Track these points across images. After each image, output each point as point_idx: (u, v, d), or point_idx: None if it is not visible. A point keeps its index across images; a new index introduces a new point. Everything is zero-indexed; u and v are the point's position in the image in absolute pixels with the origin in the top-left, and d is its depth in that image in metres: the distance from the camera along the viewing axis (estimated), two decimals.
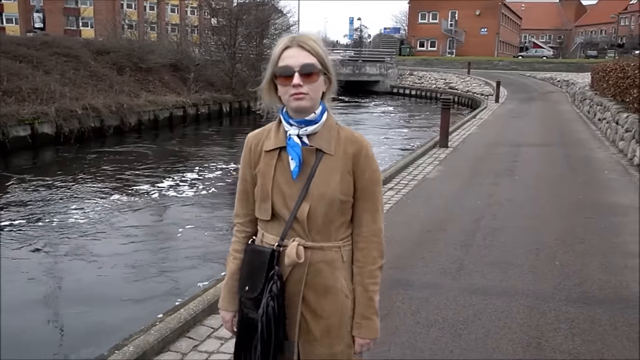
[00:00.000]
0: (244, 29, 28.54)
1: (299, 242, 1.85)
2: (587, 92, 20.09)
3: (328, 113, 1.93)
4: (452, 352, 3.55)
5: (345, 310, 1.93)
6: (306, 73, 1.81)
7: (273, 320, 1.84)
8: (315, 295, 1.90)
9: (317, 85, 1.85)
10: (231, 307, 2.05)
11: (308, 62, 1.82)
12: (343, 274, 1.93)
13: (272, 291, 1.84)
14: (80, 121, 16.54)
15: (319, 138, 1.89)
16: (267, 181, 1.88)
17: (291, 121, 1.88)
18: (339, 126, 1.94)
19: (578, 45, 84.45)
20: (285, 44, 1.85)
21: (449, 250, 5.50)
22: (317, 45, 1.85)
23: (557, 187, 8.42)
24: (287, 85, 1.83)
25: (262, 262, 1.88)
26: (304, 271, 1.88)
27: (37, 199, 10.00)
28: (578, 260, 5.28)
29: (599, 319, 4.05)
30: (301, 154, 1.85)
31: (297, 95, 1.82)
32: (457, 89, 34.87)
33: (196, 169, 13.13)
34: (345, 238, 1.94)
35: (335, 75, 1.91)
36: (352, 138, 1.92)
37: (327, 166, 1.87)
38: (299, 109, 1.85)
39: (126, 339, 3.49)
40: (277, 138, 1.91)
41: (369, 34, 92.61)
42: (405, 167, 9.93)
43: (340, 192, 1.86)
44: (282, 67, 1.83)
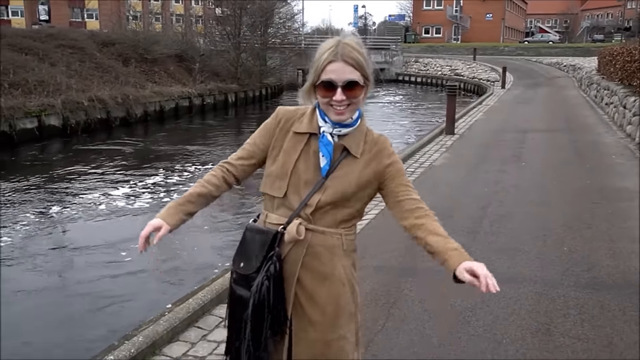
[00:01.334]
0: (249, 18, 28.45)
1: (301, 222, 1.87)
2: (593, 76, 19.92)
3: (362, 117, 1.96)
4: (460, 339, 3.56)
5: (342, 299, 1.94)
6: (349, 88, 1.82)
7: (266, 299, 1.84)
8: (312, 280, 1.91)
9: (360, 98, 1.87)
10: (170, 219, 1.89)
11: (352, 78, 1.82)
12: (342, 261, 1.94)
13: (269, 271, 1.85)
14: (86, 113, 16.61)
15: (349, 139, 1.91)
16: (289, 162, 1.89)
17: (327, 119, 1.89)
18: (368, 129, 1.97)
19: (584, 29, 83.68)
20: (329, 57, 1.82)
21: (456, 237, 5.37)
22: (360, 55, 1.84)
23: (564, 172, 8.38)
24: (328, 97, 1.83)
25: (264, 242, 1.89)
26: (301, 252, 1.89)
27: (46, 189, 10.05)
28: (586, 245, 5.26)
29: (608, 304, 4.04)
30: (332, 153, 1.88)
31: (339, 110, 1.84)
32: (463, 76, 34.70)
33: (203, 159, 13.16)
34: (348, 227, 1.95)
35: (372, 80, 1.91)
36: (376, 140, 1.96)
37: (349, 165, 1.90)
38: (339, 122, 1.87)
39: (135, 329, 3.51)
40: (310, 124, 1.92)
41: (374, 22, 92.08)
42: (411, 154, 9.90)
43: (354, 186, 1.89)
44: (325, 80, 1.82)
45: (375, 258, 4.79)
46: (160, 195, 9.78)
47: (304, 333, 1.92)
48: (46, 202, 9.32)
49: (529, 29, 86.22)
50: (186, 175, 11.42)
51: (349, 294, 1.95)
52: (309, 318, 1.91)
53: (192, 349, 3.48)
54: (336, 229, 1.91)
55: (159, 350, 3.41)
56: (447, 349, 3.45)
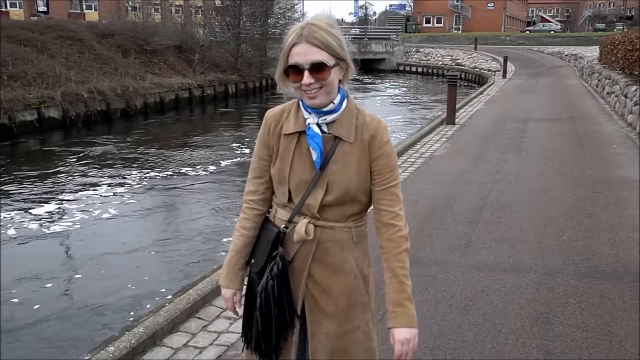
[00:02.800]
0: (248, 8, 28.30)
1: (310, 220, 1.85)
2: (595, 65, 19.84)
3: (348, 99, 1.87)
4: (460, 328, 3.57)
5: (354, 291, 1.93)
6: (316, 70, 1.74)
7: (272, 299, 1.85)
8: (324, 273, 1.90)
9: (330, 80, 1.77)
10: (233, 284, 2.01)
11: (317, 59, 1.73)
12: (353, 254, 1.92)
13: (273, 271, 1.86)
14: (86, 105, 16.56)
15: (338, 125, 1.84)
16: (285, 165, 1.85)
17: (310, 110, 1.82)
18: (358, 110, 1.88)
19: (586, 18, 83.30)
20: (293, 40, 1.75)
21: (456, 227, 5.49)
22: (328, 34, 1.75)
23: (565, 162, 8.36)
24: (298, 81, 1.76)
25: (268, 240, 1.90)
26: (311, 248, 1.87)
27: (46, 181, 10.05)
28: (586, 234, 5.26)
29: (608, 293, 4.04)
30: (322, 144, 1.82)
31: (310, 94, 1.76)
32: (464, 66, 34.55)
33: (204, 151, 13.15)
34: (358, 219, 1.92)
35: (351, 58, 1.83)
36: (368, 124, 1.87)
37: (344, 154, 1.83)
38: (314, 106, 1.80)
39: (136, 320, 3.53)
40: (296, 122, 1.85)
41: (375, 12, 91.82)
42: (412, 144, 9.89)
43: (356, 181, 1.84)
44: (291, 64, 1.75)
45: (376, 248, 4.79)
46: (159, 188, 9.78)
47: (319, 326, 1.91)
48: (44, 194, 9.32)
49: (531, 18, 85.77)
50: (190, 167, 11.41)
51: (361, 286, 1.95)
52: (323, 311, 1.91)
53: (193, 339, 3.49)
54: (345, 222, 1.89)
55: (160, 341, 3.42)
56: (447, 338, 3.46)
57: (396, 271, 1.89)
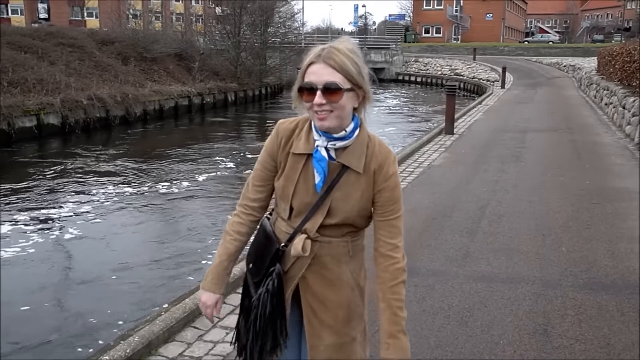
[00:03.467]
0: (249, 17, 28.44)
1: (307, 236, 1.84)
2: (593, 76, 19.90)
3: (362, 127, 1.84)
4: (457, 340, 3.54)
5: (352, 303, 1.93)
6: (329, 91, 1.71)
7: (265, 315, 1.86)
8: (321, 286, 1.90)
9: (343, 104, 1.74)
10: (218, 289, 1.96)
11: (331, 80, 1.71)
12: (349, 266, 1.92)
13: (269, 287, 1.86)
14: (85, 111, 16.60)
15: (349, 154, 1.81)
16: (290, 184, 1.84)
17: (321, 133, 1.80)
18: (370, 138, 1.85)
19: (584, 29, 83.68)
20: (311, 59, 1.75)
21: (454, 238, 5.48)
22: (347, 59, 1.73)
23: (563, 172, 8.36)
24: (309, 101, 1.74)
25: (268, 252, 1.89)
26: (306, 262, 1.87)
27: (43, 189, 10.03)
28: (585, 246, 5.25)
29: (606, 305, 4.02)
30: (327, 169, 1.80)
31: (320, 115, 1.73)
32: (463, 76, 34.68)
33: (202, 159, 13.15)
34: (355, 235, 1.92)
35: (369, 90, 1.80)
36: (377, 153, 1.84)
37: (349, 182, 1.82)
38: (322, 129, 1.77)
39: (131, 329, 3.50)
40: (307, 143, 1.82)
41: (374, 21, 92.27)
42: (410, 154, 9.88)
43: (357, 209, 1.84)
44: (305, 83, 1.74)
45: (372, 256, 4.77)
46: (159, 193, 9.77)
47: (318, 339, 1.91)
48: (42, 201, 9.30)
49: (529, 29, 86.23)
50: (188, 175, 11.40)
51: (358, 297, 1.95)
52: (322, 323, 1.90)
53: (189, 349, 3.46)
54: (343, 237, 1.89)
55: (155, 351, 3.39)
56: (445, 349, 3.44)
57: (391, 303, 1.87)
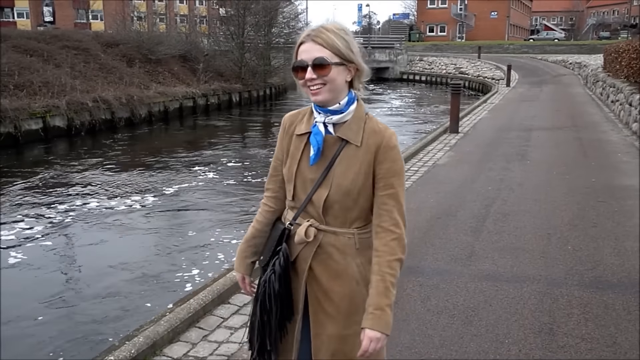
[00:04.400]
0: (252, 18, 28.44)
1: (312, 224, 1.91)
2: (599, 74, 19.80)
3: (359, 103, 1.94)
4: (462, 339, 3.53)
5: (356, 297, 1.94)
6: (318, 66, 1.83)
7: (273, 293, 1.92)
8: (326, 277, 1.94)
9: (333, 77, 1.84)
10: (240, 268, 2.13)
11: (319, 55, 1.83)
12: (356, 260, 1.94)
13: (275, 266, 1.93)
14: (91, 114, 16.65)
15: (346, 128, 1.90)
16: (293, 164, 1.94)
17: (319, 109, 1.91)
18: (368, 117, 1.94)
19: (590, 26, 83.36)
20: (301, 40, 1.89)
21: (459, 237, 5.46)
22: (334, 35, 1.85)
23: (569, 170, 8.32)
24: (302, 78, 1.87)
25: (275, 236, 1.98)
26: (312, 250, 1.92)
27: (50, 190, 10.07)
28: (591, 244, 5.22)
29: (612, 304, 4.00)
30: (322, 142, 1.89)
31: (313, 90, 1.86)
32: (468, 74, 34.59)
33: (208, 160, 13.16)
34: (362, 226, 1.95)
35: (361, 64, 1.90)
36: (375, 129, 1.91)
37: (349, 156, 1.89)
38: (317, 102, 1.89)
39: (136, 330, 3.50)
40: (308, 123, 1.95)
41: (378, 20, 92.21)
42: (415, 153, 9.87)
43: (357, 183, 1.88)
44: (297, 61, 1.88)
45: None
46: (160, 199, 9.79)
47: (322, 328, 1.96)
48: (49, 203, 9.34)
49: (534, 27, 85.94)
50: (194, 175, 11.42)
51: (363, 292, 1.94)
52: (326, 312, 1.95)
53: (193, 349, 3.47)
54: (348, 228, 1.93)
55: (160, 351, 3.40)
56: (449, 349, 3.43)
57: (385, 277, 1.87)
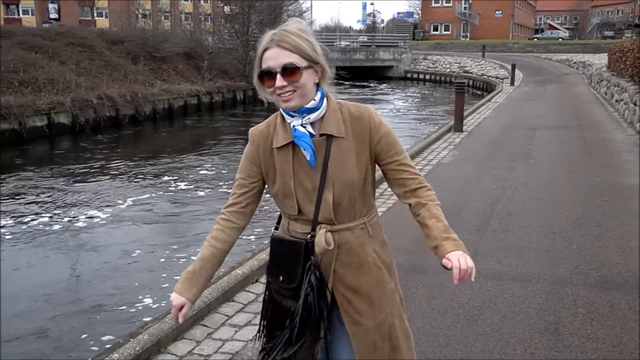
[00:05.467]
0: (257, 16, 28.43)
1: (327, 229, 1.88)
2: (604, 73, 19.74)
3: (329, 97, 1.90)
4: (467, 338, 3.52)
5: (382, 282, 1.98)
6: (288, 73, 1.77)
7: (314, 309, 1.87)
8: (350, 274, 1.93)
9: (303, 82, 1.79)
10: (187, 294, 1.91)
11: (288, 61, 1.77)
12: (372, 246, 1.96)
13: (311, 282, 1.87)
14: (95, 111, 16.68)
15: (327, 123, 1.86)
16: (288, 179, 1.87)
17: (292, 113, 1.84)
18: (341, 105, 1.91)
19: (594, 26, 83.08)
20: (264, 45, 1.81)
21: (464, 235, 5.43)
22: (299, 38, 1.79)
23: (573, 169, 8.30)
24: (272, 86, 1.80)
25: (296, 253, 1.89)
26: (333, 253, 1.91)
27: (53, 188, 10.09)
28: (596, 243, 5.21)
29: (618, 303, 3.99)
30: (311, 142, 1.84)
31: (284, 97, 1.79)
32: (472, 73, 34.49)
33: (213, 158, 13.17)
34: (368, 213, 1.96)
35: (327, 62, 1.86)
36: (355, 114, 1.90)
37: (340, 149, 1.86)
38: (288, 109, 1.83)
39: (141, 327, 3.51)
40: (286, 133, 1.87)
41: (382, 19, 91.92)
42: (420, 152, 9.86)
43: (358, 173, 1.88)
44: (264, 69, 1.80)
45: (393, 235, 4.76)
46: (166, 196, 9.80)
47: (357, 326, 1.95)
48: (53, 199, 9.36)
49: (538, 26, 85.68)
50: (197, 174, 11.43)
51: (386, 275, 2.00)
52: (358, 310, 1.95)
53: (198, 347, 3.47)
54: (359, 220, 1.93)
55: (164, 349, 3.40)
56: (454, 348, 3.42)
57: (440, 218, 1.91)
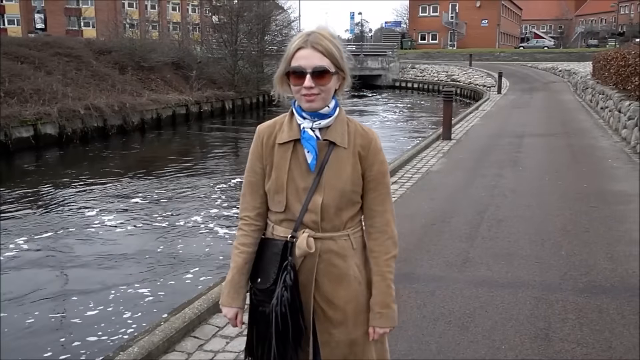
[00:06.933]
0: (245, 25, 28.48)
1: (309, 234, 1.88)
2: (588, 81, 19.97)
3: (340, 108, 1.95)
4: (458, 345, 3.53)
5: (360, 297, 1.96)
6: (318, 75, 1.81)
7: (288, 310, 1.86)
8: (329, 284, 1.92)
9: (330, 86, 1.85)
10: (235, 302, 2.00)
11: (320, 64, 1.81)
12: (354, 260, 1.96)
13: (286, 281, 1.87)
14: (83, 121, 16.56)
15: (332, 131, 1.90)
16: (282, 173, 1.89)
17: (304, 114, 1.89)
18: (348, 119, 1.96)
19: (579, 34, 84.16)
20: (299, 44, 1.84)
21: (454, 243, 5.47)
22: (331, 44, 1.84)
23: (561, 176, 8.37)
24: (299, 85, 1.84)
25: (275, 253, 1.91)
26: (314, 261, 1.90)
27: (40, 200, 10.01)
28: (584, 249, 5.25)
29: (607, 308, 4.02)
30: (317, 147, 1.87)
31: (309, 97, 1.83)
32: (459, 81, 34.76)
33: (201, 169, 13.14)
34: (354, 226, 1.96)
35: (349, 71, 1.91)
36: (361, 132, 1.95)
37: (338, 158, 1.89)
38: (310, 110, 1.87)
39: (131, 339, 3.47)
40: (290, 131, 1.91)
41: (370, 28, 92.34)
42: (408, 160, 9.89)
43: (351, 183, 1.90)
44: (295, 67, 1.83)
45: None
46: (154, 208, 9.75)
47: (329, 336, 1.94)
48: (39, 212, 9.28)
49: (524, 35, 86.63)
50: (187, 184, 11.38)
51: (365, 291, 1.98)
52: (331, 321, 1.94)
53: (189, 359, 3.44)
54: (343, 230, 1.93)
55: None
56: (446, 355, 3.43)
57: (385, 275, 1.96)
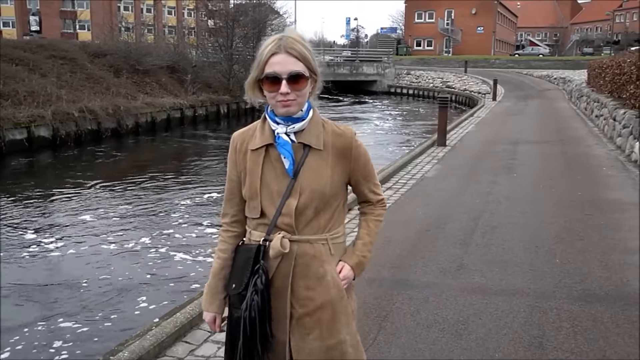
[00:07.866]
0: (241, 30, 28.51)
1: (284, 235, 1.85)
2: (583, 89, 20.05)
3: (314, 110, 1.93)
4: (452, 352, 3.51)
5: (337, 304, 1.92)
6: (293, 80, 1.80)
7: (257, 314, 1.83)
8: (304, 289, 1.89)
9: (305, 91, 1.84)
10: (211, 307, 2.03)
11: (295, 69, 1.80)
12: (332, 265, 1.93)
13: (257, 285, 1.85)
14: (77, 124, 16.50)
15: (307, 134, 1.88)
16: (255, 179, 1.88)
17: (277, 119, 1.87)
18: (323, 120, 1.95)
19: (574, 42, 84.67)
20: (272, 49, 1.81)
21: (448, 249, 5.45)
22: (304, 48, 1.82)
23: (555, 184, 8.38)
24: (274, 91, 1.81)
25: (248, 257, 1.89)
26: (290, 264, 1.87)
27: (33, 202, 9.94)
28: (578, 257, 5.24)
29: (601, 317, 4.00)
30: (292, 151, 1.85)
31: (285, 102, 1.81)
32: (455, 88, 34.85)
33: (195, 172, 13.09)
34: (333, 231, 1.93)
35: (320, 74, 1.90)
36: (338, 131, 1.94)
37: (315, 161, 1.87)
38: (285, 115, 1.85)
39: (121, 344, 3.43)
40: (262, 136, 1.89)
41: (366, 34, 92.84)
42: (403, 166, 9.88)
43: (330, 185, 1.88)
44: (269, 73, 1.81)
45: (367, 270, 4.72)
46: (145, 212, 9.70)
47: (303, 342, 1.91)
48: (30, 215, 9.22)
49: (520, 42, 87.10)
50: (180, 187, 11.34)
51: (344, 299, 1.95)
52: (305, 326, 1.90)
53: None
54: (322, 234, 1.90)
55: None
56: None
57: (371, 233, 2.06)
